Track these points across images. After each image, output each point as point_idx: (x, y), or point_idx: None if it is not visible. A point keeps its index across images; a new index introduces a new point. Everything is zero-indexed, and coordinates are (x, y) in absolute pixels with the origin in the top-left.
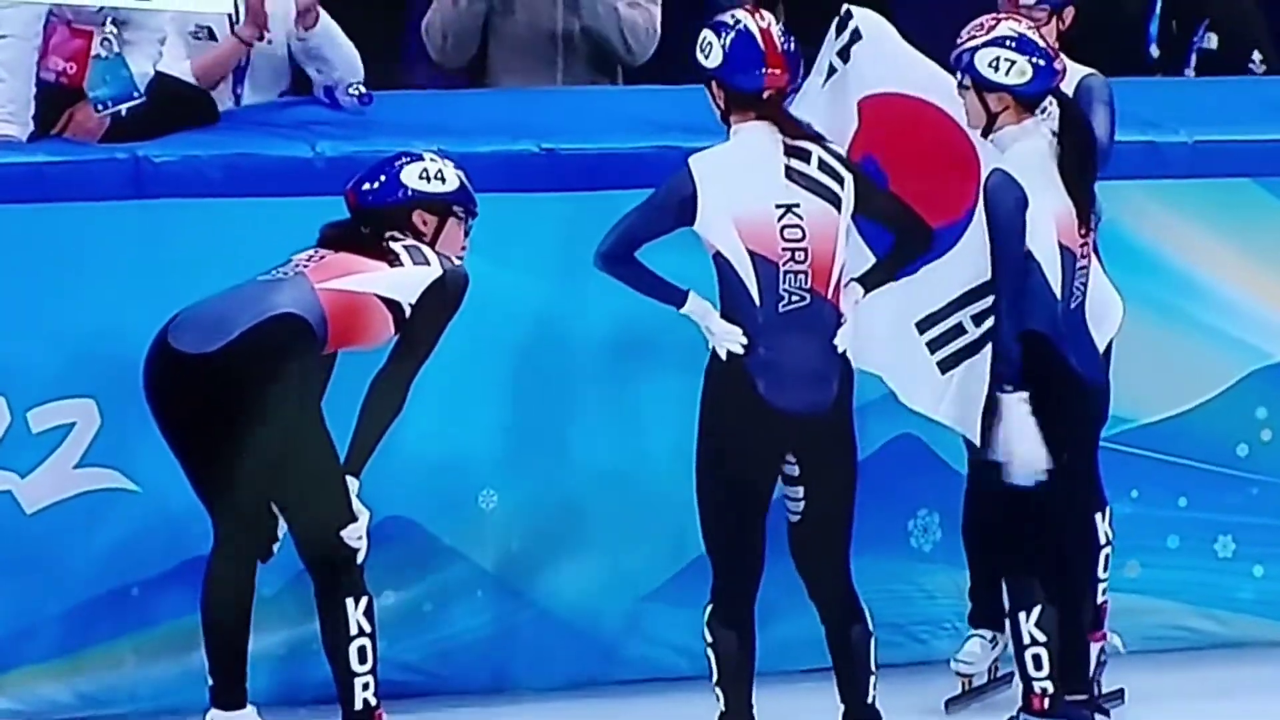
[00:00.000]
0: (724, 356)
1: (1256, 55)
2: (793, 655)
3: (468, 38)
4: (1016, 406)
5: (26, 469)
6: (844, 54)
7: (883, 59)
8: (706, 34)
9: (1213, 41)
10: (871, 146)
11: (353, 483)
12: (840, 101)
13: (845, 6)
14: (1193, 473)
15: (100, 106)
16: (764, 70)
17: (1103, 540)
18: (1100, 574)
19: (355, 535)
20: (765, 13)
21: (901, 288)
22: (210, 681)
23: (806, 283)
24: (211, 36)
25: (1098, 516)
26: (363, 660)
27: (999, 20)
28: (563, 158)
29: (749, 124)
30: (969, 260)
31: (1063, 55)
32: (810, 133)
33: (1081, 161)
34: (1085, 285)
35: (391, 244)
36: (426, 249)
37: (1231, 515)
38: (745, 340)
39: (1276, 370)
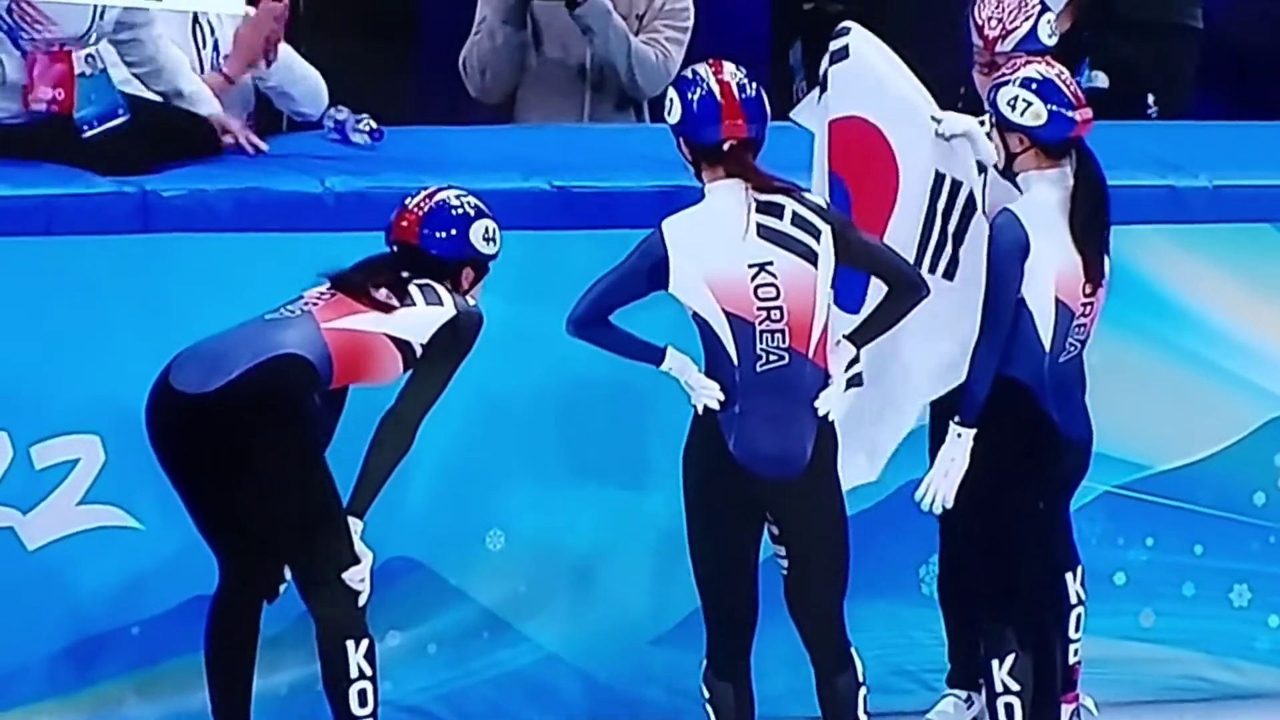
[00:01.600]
0: (702, 411)
1: (1150, 98)
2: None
3: (505, 72)
4: (958, 443)
5: (29, 505)
6: (827, 73)
7: (857, 81)
8: (670, 90)
9: (1101, 80)
10: (839, 168)
11: (356, 524)
12: (823, 120)
13: (843, 24)
14: (1210, 520)
15: (86, 127)
16: (721, 122)
17: (1074, 599)
18: (1072, 634)
19: (357, 578)
20: (728, 65)
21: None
22: None
23: (785, 341)
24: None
25: (1068, 575)
26: (363, 703)
27: (1029, 62)
28: (575, 195)
29: (719, 182)
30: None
31: (1088, 109)
32: (783, 185)
33: (1091, 218)
34: (1081, 342)
35: (411, 284)
36: (441, 289)
37: (1248, 563)
38: (722, 396)
39: None
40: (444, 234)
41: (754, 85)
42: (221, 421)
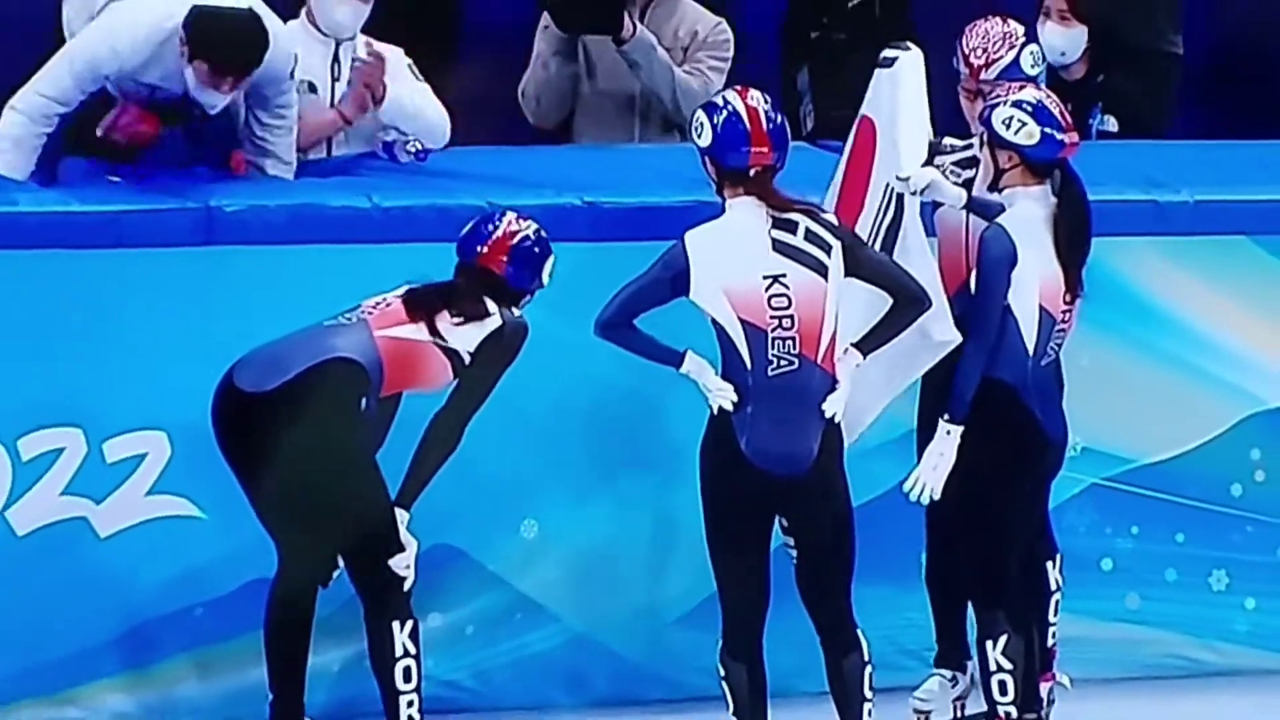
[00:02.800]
0: (716, 411)
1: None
2: (811, 679)
3: (559, 100)
4: (946, 439)
5: (101, 496)
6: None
7: (881, 88)
8: (699, 114)
9: (1111, 124)
10: (849, 162)
11: (402, 515)
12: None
13: (906, 42)
14: (1190, 511)
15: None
16: (749, 149)
17: (1053, 586)
18: (1051, 618)
19: (403, 564)
20: (755, 92)
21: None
22: (270, 696)
23: (795, 348)
24: (311, 89)
25: (1048, 564)
26: (408, 679)
27: (1024, 86)
28: (603, 210)
29: (739, 199)
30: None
31: (1076, 133)
32: (799, 205)
33: (1074, 234)
34: (1060, 346)
35: (465, 299)
36: (489, 301)
37: (1226, 551)
38: (736, 398)
39: (1270, 415)
40: (527, 269)
41: (779, 114)
42: (280, 418)
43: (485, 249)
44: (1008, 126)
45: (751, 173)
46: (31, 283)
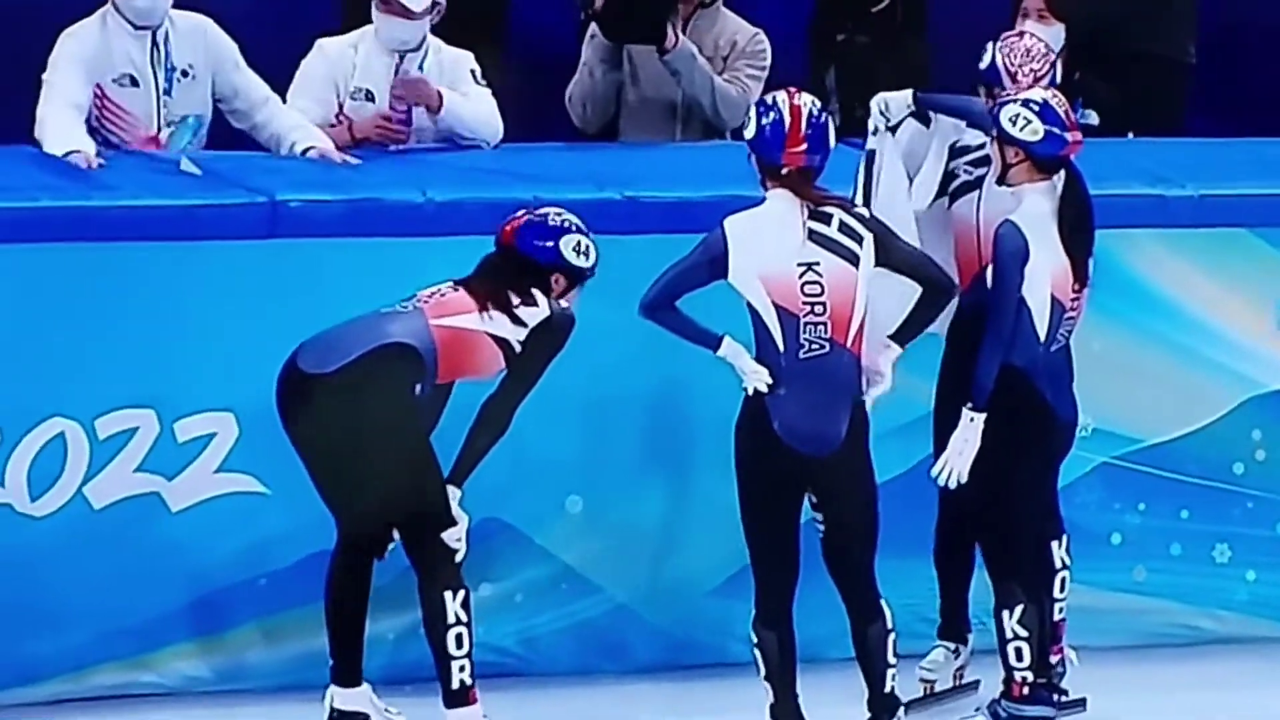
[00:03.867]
0: (751, 392)
1: (1130, 134)
2: (838, 645)
3: (604, 106)
4: (970, 426)
5: (173, 473)
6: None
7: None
8: (751, 108)
9: (1094, 119)
10: None
11: (454, 491)
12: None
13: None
14: (1194, 488)
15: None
16: (785, 148)
17: (1058, 565)
18: (1057, 594)
19: (455, 537)
20: (805, 96)
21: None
22: (331, 661)
23: (826, 333)
24: (369, 99)
25: (1054, 543)
26: (459, 646)
27: (1033, 87)
28: (642, 204)
29: (778, 190)
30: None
31: (1079, 132)
32: (834, 200)
33: (1078, 227)
34: (1070, 333)
35: (513, 290)
36: (537, 292)
37: (1228, 526)
38: (770, 380)
39: (1270, 397)
40: (537, 240)
41: (824, 116)
42: (338, 398)
43: (504, 226)
44: (1014, 123)
45: (785, 170)
46: (107, 274)
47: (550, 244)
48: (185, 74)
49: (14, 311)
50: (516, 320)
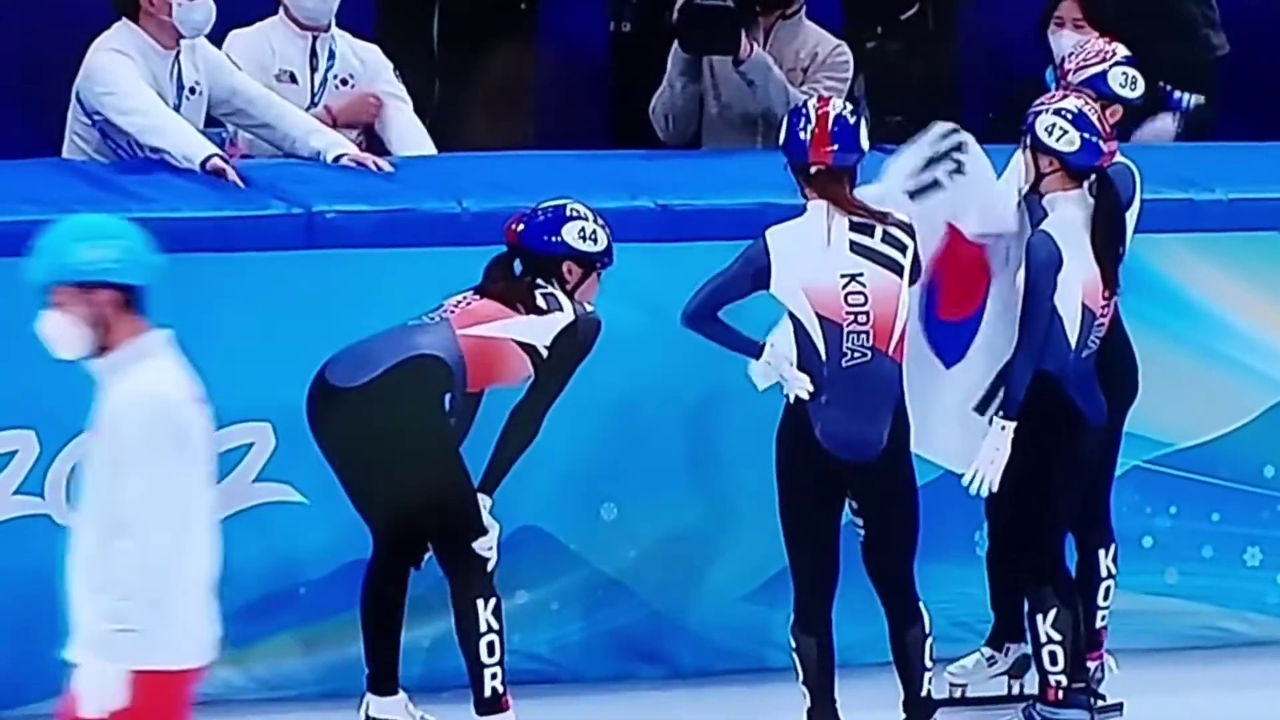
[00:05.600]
0: (793, 400)
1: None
2: (874, 650)
3: (686, 118)
4: (1000, 434)
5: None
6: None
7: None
8: (786, 117)
9: (1195, 101)
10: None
11: (485, 500)
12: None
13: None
14: (1225, 491)
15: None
16: (809, 146)
17: (1104, 574)
18: (1100, 602)
19: (486, 546)
20: (837, 101)
21: (951, 377)
22: (367, 670)
23: (869, 341)
24: (292, 80)
25: (1100, 552)
26: (491, 654)
27: (1067, 95)
28: (676, 212)
29: (817, 201)
30: (993, 345)
31: (1114, 142)
32: (873, 212)
33: (1110, 236)
34: (1100, 339)
35: (535, 292)
36: (563, 296)
37: (1259, 529)
38: (812, 388)
39: None
40: (540, 232)
41: (854, 118)
42: (367, 411)
43: (510, 225)
44: (1049, 133)
45: (813, 170)
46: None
47: (554, 235)
48: (193, 91)
49: None
50: (540, 318)
